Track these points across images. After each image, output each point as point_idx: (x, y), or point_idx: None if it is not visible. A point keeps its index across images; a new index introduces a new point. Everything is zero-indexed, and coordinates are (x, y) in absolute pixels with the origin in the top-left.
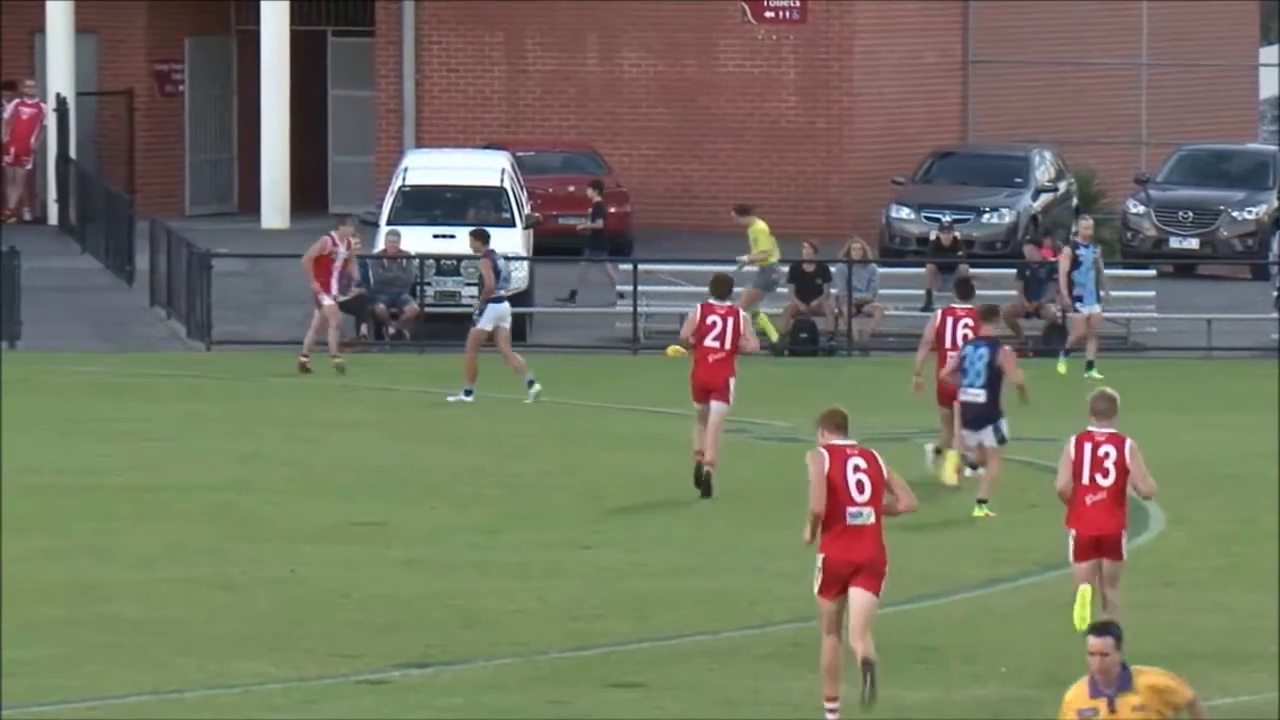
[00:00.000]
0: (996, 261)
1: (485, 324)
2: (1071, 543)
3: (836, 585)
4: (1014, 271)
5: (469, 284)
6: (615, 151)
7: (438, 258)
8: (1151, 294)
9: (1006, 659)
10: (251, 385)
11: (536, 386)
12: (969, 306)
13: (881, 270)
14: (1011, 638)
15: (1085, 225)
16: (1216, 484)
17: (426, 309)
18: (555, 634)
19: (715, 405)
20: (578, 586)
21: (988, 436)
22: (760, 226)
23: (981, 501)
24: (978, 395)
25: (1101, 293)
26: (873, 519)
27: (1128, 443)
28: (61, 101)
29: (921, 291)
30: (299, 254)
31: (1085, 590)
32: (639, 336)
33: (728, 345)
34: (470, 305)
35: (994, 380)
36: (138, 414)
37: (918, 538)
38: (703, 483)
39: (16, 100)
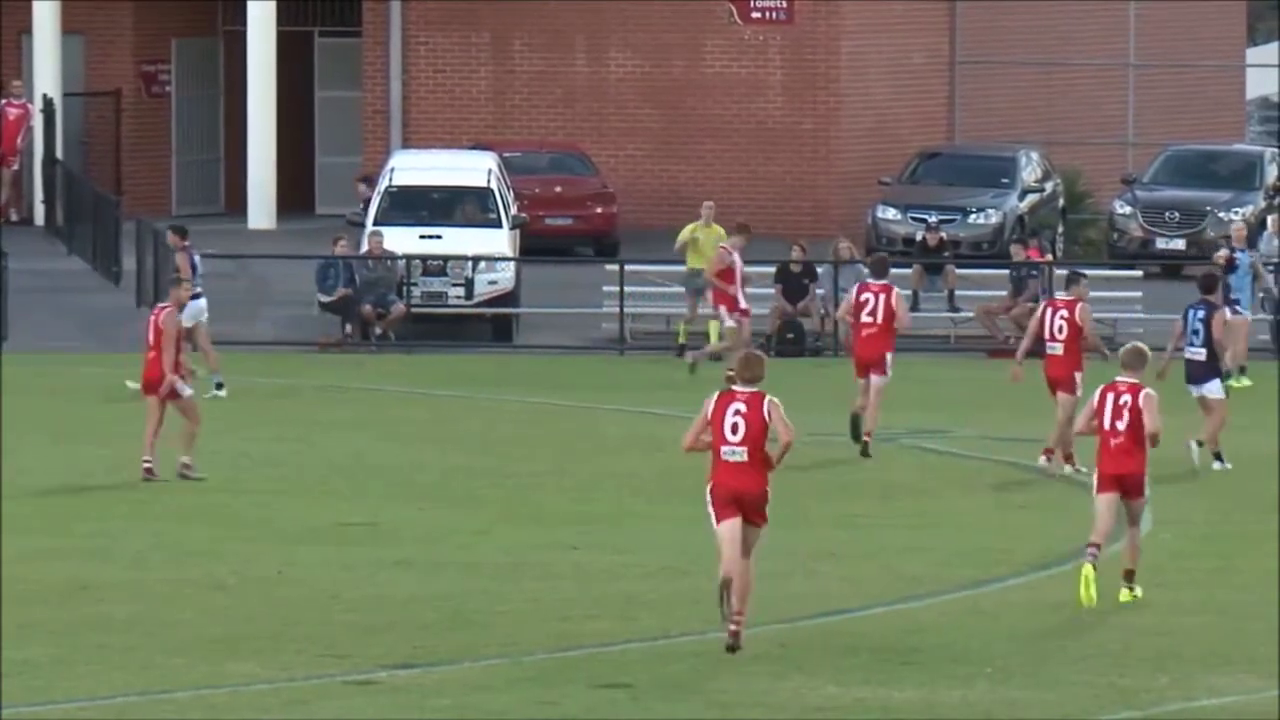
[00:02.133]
0: (983, 262)
1: (187, 321)
2: (1095, 478)
3: (726, 510)
4: (1002, 271)
5: (455, 284)
6: (602, 152)
7: (424, 258)
8: (1138, 295)
9: (994, 660)
10: (239, 386)
11: (224, 392)
12: (1069, 298)
13: (868, 272)
14: (999, 638)
15: (1239, 228)
16: (1207, 485)
17: (413, 309)
18: (544, 634)
19: (874, 379)
20: (567, 587)
21: (1212, 389)
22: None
23: (1200, 442)
24: (1198, 353)
25: (1262, 295)
26: (746, 457)
27: (1143, 391)
28: (48, 102)
29: (908, 292)
30: (286, 255)
31: (1088, 571)
32: (625, 337)
33: (880, 320)
34: (457, 306)
35: (1210, 340)
36: (128, 415)
37: (908, 539)
38: (861, 445)
39: (4, 101)
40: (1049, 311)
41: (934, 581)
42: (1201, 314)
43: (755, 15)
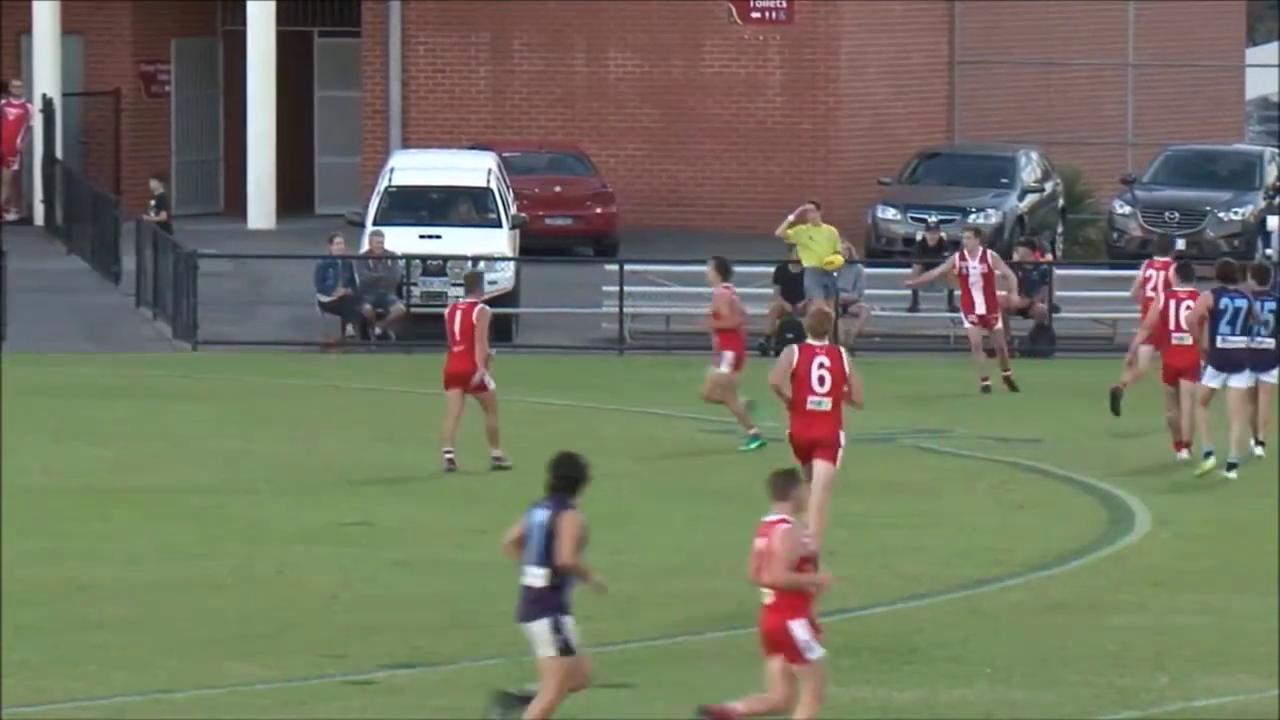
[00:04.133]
0: None
1: None
2: None
3: (800, 455)
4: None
5: (455, 284)
6: (601, 152)
7: (423, 258)
8: None
9: (994, 660)
10: (239, 386)
11: None
12: (1191, 288)
13: (868, 270)
14: (998, 638)
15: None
16: (1205, 485)
17: (412, 309)
18: None
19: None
20: None
21: (1272, 376)
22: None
23: (1260, 443)
24: (1265, 342)
25: None
26: (828, 406)
27: None
28: (47, 102)
29: (908, 292)
30: (284, 255)
31: None
32: (625, 337)
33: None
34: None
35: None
36: (127, 415)
37: (908, 538)
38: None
39: (3, 101)
40: (1171, 304)
41: (934, 581)
42: (1272, 305)
43: (755, 15)
